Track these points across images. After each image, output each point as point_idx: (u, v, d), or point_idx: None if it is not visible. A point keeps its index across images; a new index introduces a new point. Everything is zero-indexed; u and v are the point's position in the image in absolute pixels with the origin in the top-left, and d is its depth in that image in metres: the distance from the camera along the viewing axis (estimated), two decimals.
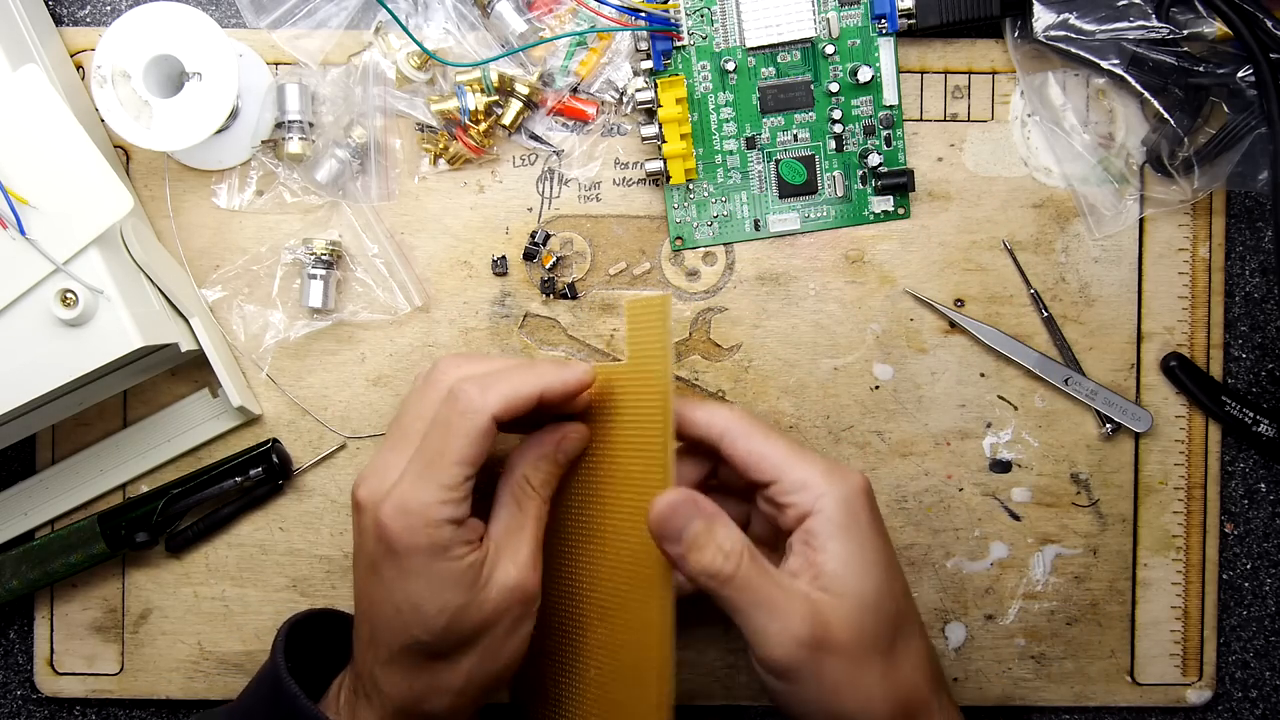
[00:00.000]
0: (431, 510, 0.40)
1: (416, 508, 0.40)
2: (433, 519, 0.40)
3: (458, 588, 0.41)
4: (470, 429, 0.41)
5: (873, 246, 0.52)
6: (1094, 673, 0.53)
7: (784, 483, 0.42)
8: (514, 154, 0.52)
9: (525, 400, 0.42)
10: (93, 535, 0.51)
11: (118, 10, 0.53)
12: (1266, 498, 0.54)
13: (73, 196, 0.44)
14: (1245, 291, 0.54)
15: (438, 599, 0.41)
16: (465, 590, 0.41)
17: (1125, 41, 0.49)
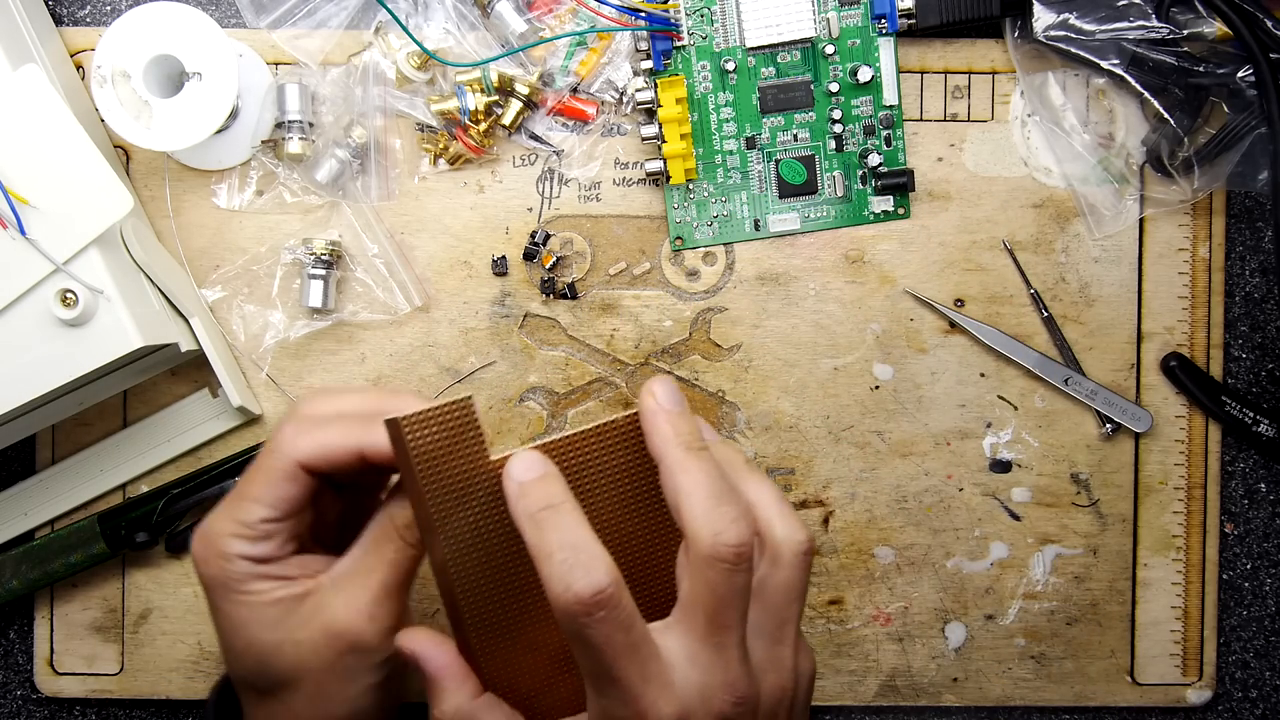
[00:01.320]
0: (223, 543, 0.39)
1: (212, 538, 0.39)
2: (224, 551, 0.39)
3: (262, 625, 0.39)
4: (270, 468, 0.39)
5: (873, 246, 0.52)
6: (1094, 673, 0.53)
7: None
8: (514, 154, 0.52)
9: (342, 453, 0.39)
10: (93, 535, 0.51)
11: (118, 10, 0.53)
12: (1266, 498, 0.54)
13: (73, 196, 0.44)
14: (1245, 291, 0.54)
15: (242, 634, 0.40)
16: (271, 628, 0.39)
17: (1125, 41, 0.49)
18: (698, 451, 0.36)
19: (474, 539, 0.37)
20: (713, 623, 0.35)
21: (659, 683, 0.34)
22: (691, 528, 0.35)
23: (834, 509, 0.53)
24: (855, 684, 0.53)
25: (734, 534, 0.34)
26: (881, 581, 0.53)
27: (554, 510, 0.35)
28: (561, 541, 0.34)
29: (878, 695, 0.53)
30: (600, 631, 0.33)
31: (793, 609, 0.38)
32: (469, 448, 0.37)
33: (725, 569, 0.34)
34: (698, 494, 0.35)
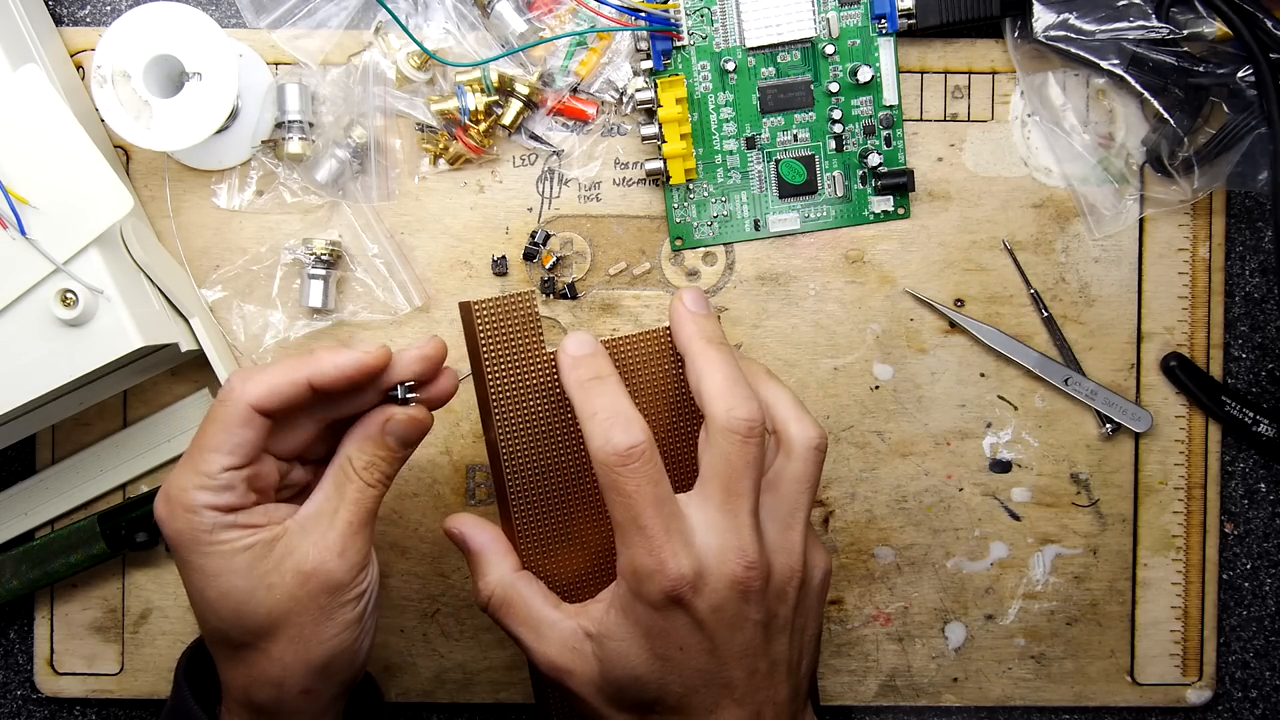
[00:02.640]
0: (188, 495, 0.40)
1: (175, 494, 0.40)
2: (190, 504, 0.40)
3: (234, 573, 0.40)
4: (225, 416, 0.40)
5: (873, 246, 0.52)
6: (1094, 673, 0.53)
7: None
8: (514, 154, 0.52)
9: (290, 387, 0.40)
10: (93, 535, 0.51)
11: (118, 10, 0.53)
12: (1266, 498, 0.54)
13: (73, 196, 0.44)
14: (1245, 291, 0.54)
15: (215, 585, 0.40)
16: (244, 575, 0.40)
17: (1125, 41, 0.49)
18: (718, 345, 0.42)
19: (525, 423, 0.43)
20: (726, 490, 0.39)
21: (680, 539, 0.39)
22: (709, 407, 0.40)
23: (834, 509, 0.53)
24: (855, 684, 0.53)
25: (745, 409, 0.39)
26: (881, 581, 0.53)
27: (600, 380, 0.41)
28: (604, 405, 0.40)
29: (878, 695, 0.53)
30: (632, 481, 0.38)
31: (803, 498, 0.41)
32: (528, 336, 0.43)
33: (737, 440, 0.39)
34: (715, 378, 0.40)
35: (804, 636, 0.43)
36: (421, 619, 0.53)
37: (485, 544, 0.44)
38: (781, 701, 0.41)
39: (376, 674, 0.53)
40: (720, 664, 0.40)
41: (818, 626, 0.44)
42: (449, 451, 0.53)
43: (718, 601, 0.39)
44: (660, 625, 0.40)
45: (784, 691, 0.42)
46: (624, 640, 0.40)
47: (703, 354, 0.41)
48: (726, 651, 0.40)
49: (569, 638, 0.42)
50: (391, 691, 0.53)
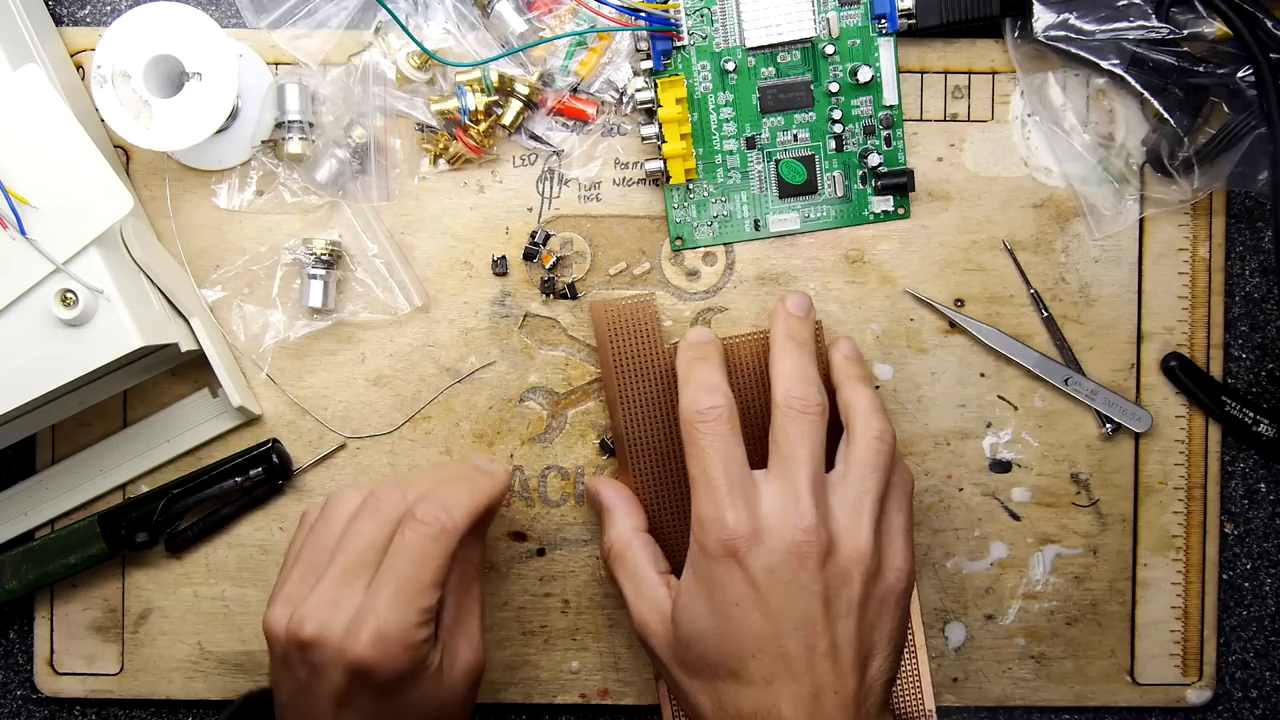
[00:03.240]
0: (409, 634, 0.42)
1: (395, 635, 0.41)
2: (414, 642, 0.42)
3: (430, 691, 0.43)
4: (444, 552, 0.43)
5: (873, 246, 0.52)
6: (1094, 673, 0.53)
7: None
8: (514, 154, 0.52)
9: (482, 516, 0.45)
10: (93, 535, 0.51)
11: (118, 10, 0.53)
12: (1266, 498, 0.54)
13: (73, 196, 0.44)
14: (1245, 291, 0.54)
15: (418, 710, 0.43)
16: (435, 689, 0.43)
17: (1125, 41, 0.49)
18: (798, 342, 0.46)
19: (647, 411, 0.50)
20: (784, 459, 0.43)
21: (743, 498, 0.43)
22: (774, 390, 0.45)
23: None
24: None
25: (801, 390, 0.44)
26: None
27: (704, 360, 0.46)
28: (699, 375, 0.45)
29: None
30: (707, 437, 0.43)
31: (868, 483, 0.44)
32: (649, 334, 0.50)
33: (793, 414, 0.44)
34: (785, 366, 0.45)
35: (876, 633, 0.43)
36: None
37: (614, 501, 0.49)
38: (846, 693, 0.42)
39: None
40: (776, 630, 0.42)
41: (895, 630, 0.44)
42: (449, 452, 0.53)
43: (773, 562, 0.42)
44: (718, 577, 0.42)
45: (850, 682, 0.42)
46: (691, 594, 0.43)
47: (781, 348, 0.46)
48: (782, 617, 0.42)
49: (660, 599, 0.45)
50: None
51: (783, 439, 0.44)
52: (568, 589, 0.53)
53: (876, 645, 0.43)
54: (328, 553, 0.44)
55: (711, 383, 0.45)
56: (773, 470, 0.44)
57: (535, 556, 0.53)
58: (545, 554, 0.53)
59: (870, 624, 0.43)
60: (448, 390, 0.52)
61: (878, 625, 0.44)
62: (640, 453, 0.50)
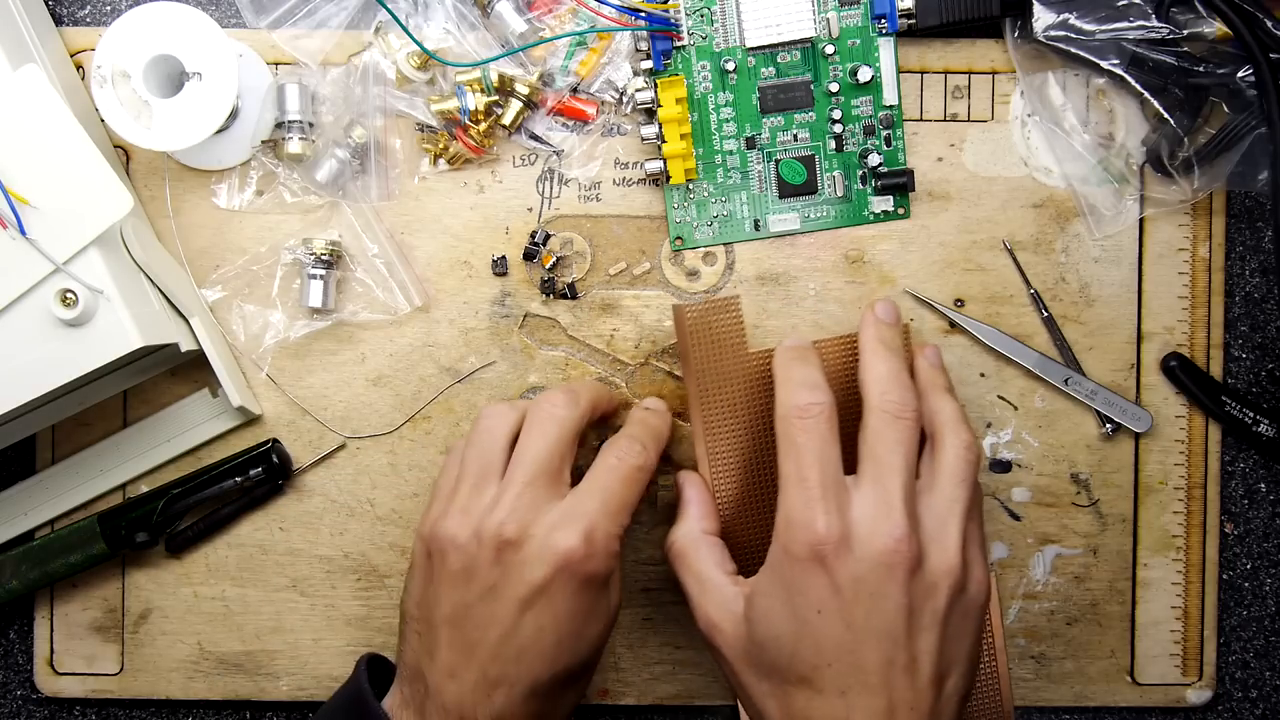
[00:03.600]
0: (612, 543, 0.44)
1: (602, 538, 0.43)
2: (613, 551, 0.44)
3: (605, 611, 0.45)
4: (644, 484, 0.47)
5: (873, 246, 0.52)
6: (1094, 673, 0.53)
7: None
8: (514, 154, 0.52)
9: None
10: (93, 535, 0.51)
11: (118, 10, 0.53)
12: (1266, 498, 0.54)
13: (73, 196, 0.44)
14: (1245, 291, 0.54)
15: (595, 626, 0.45)
16: (607, 612, 0.45)
17: (1125, 41, 0.49)
18: (890, 348, 0.45)
19: (729, 416, 0.48)
20: (877, 464, 0.42)
21: (835, 501, 0.42)
22: (866, 393, 0.44)
23: None
24: None
25: (896, 394, 0.43)
26: None
27: (803, 360, 0.45)
28: (798, 373, 0.44)
29: None
30: (803, 434, 0.42)
31: (958, 492, 0.43)
32: (732, 337, 0.48)
33: (887, 418, 0.43)
34: (878, 370, 0.44)
35: (955, 648, 0.42)
36: None
37: (692, 499, 0.48)
38: (922, 709, 0.41)
39: None
40: (855, 640, 0.41)
41: (974, 645, 0.43)
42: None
43: (860, 571, 0.41)
44: (801, 581, 0.41)
45: (926, 699, 0.41)
46: (769, 595, 0.42)
47: (874, 353, 0.45)
48: (864, 628, 0.41)
49: (729, 599, 0.44)
50: None
51: (877, 443, 0.43)
52: None
53: (955, 661, 0.42)
54: (499, 464, 0.45)
55: (812, 380, 0.44)
56: (865, 475, 0.43)
57: None
58: None
59: (951, 639, 0.42)
60: (448, 390, 0.52)
61: (958, 640, 0.42)
62: (721, 459, 0.49)
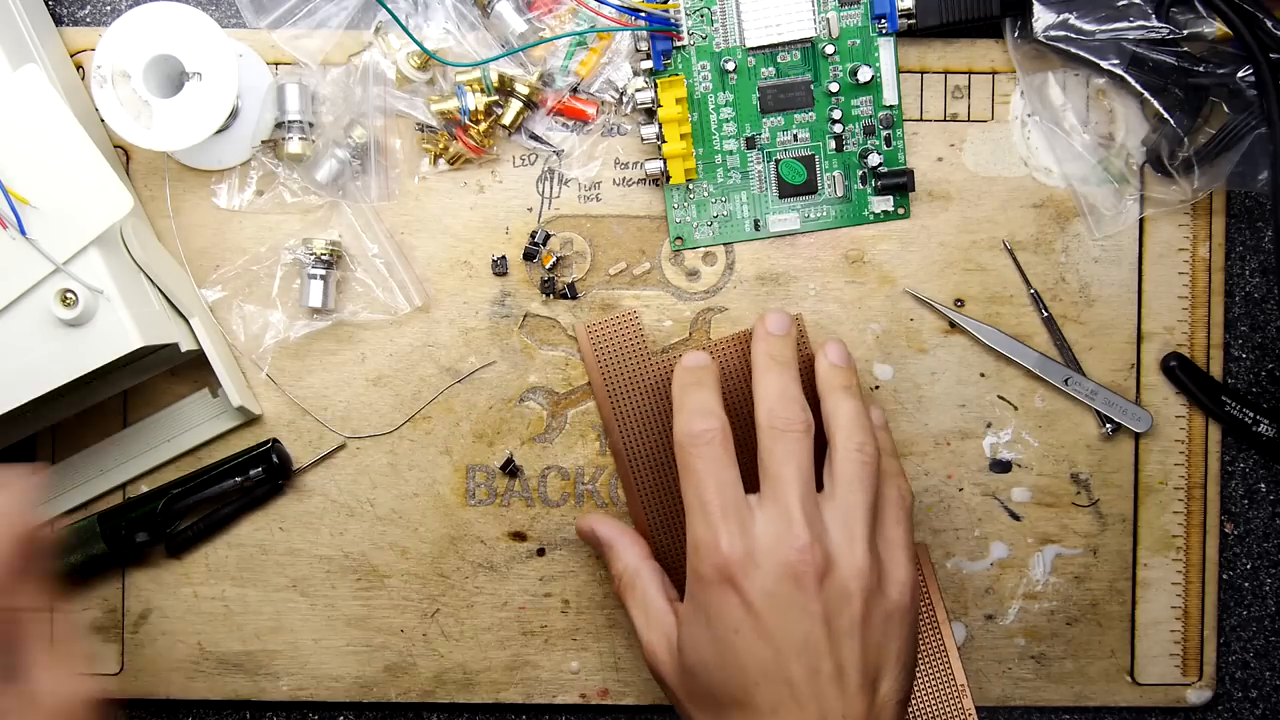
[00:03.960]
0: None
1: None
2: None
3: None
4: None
5: (873, 246, 0.52)
6: (1094, 673, 0.53)
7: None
8: (514, 154, 0.52)
9: None
10: (93, 535, 0.51)
11: (118, 10, 0.53)
12: (1266, 498, 0.54)
13: (73, 196, 0.44)
14: (1245, 291, 0.54)
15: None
16: None
17: (1125, 41, 0.49)
18: (780, 363, 0.46)
19: (641, 424, 0.51)
20: (772, 480, 0.43)
21: (738, 522, 0.42)
22: (757, 412, 0.44)
23: None
24: None
25: (784, 410, 0.44)
26: None
27: (698, 385, 0.45)
28: (693, 400, 0.45)
29: None
30: (700, 461, 0.43)
31: (855, 497, 0.43)
32: (635, 347, 0.51)
33: (775, 432, 0.43)
34: (764, 390, 0.45)
35: (882, 652, 0.42)
36: (421, 619, 0.53)
37: (613, 535, 0.49)
38: (856, 717, 0.41)
39: (376, 674, 0.53)
40: (778, 655, 0.41)
41: (904, 647, 0.43)
42: (449, 451, 0.53)
43: (769, 585, 0.41)
44: (716, 604, 0.42)
45: (858, 706, 0.41)
46: (691, 622, 0.43)
47: (763, 369, 0.46)
48: (784, 642, 0.41)
49: (668, 627, 0.45)
50: (391, 691, 0.53)
51: (769, 460, 0.43)
52: (568, 589, 0.53)
53: (885, 664, 0.42)
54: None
55: (705, 406, 0.44)
56: (764, 494, 0.43)
57: (535, 556, 0.53)
58: (545, 554, 0.53)
59: (876, 643, 0.42)
60: (448, 390, 0.52)
61: (884, 644, 0.42)
62: (641, 470, 0.51)
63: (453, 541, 0.53)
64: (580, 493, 0.53)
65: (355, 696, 0.53)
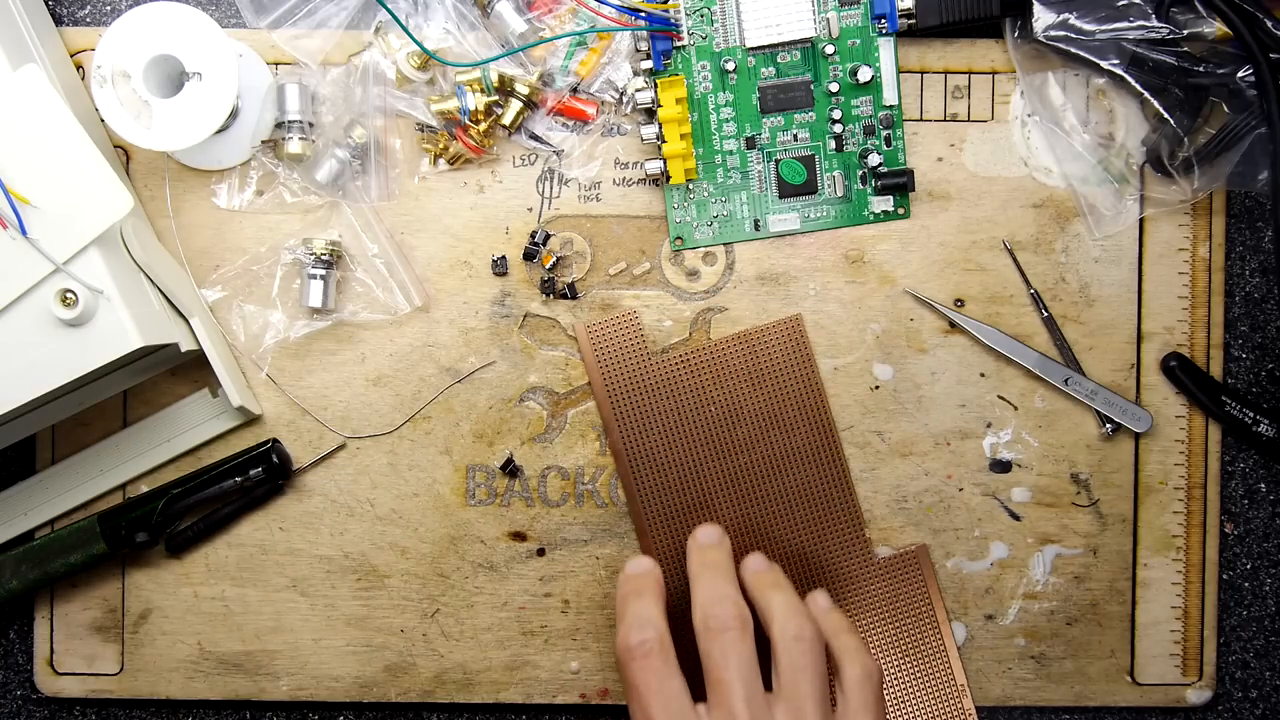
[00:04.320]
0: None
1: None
2: None
3: None
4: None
5: (873, 246, 0.52)
6: (1094, 673, 0.53)
7: None
8: (514, 154, 0.52)
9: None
10: (93, 535, 0.51)
11: (118, 10, 0.53)
12: (1266, 498, 0.54)
13: (73, 196, 0.44)
14: (1245, 291, 0.54)
15: None
16: None
17: (1125, 41, 0.49)
18: (711, 569, 0.47)
19: (641, 424, 0.52)
20: (715, 684, 0.43)
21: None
22: (694, 617, 0.45)
23: None
24: None
25: (719, 609, 0.44)
26: None
27: (638, 594, 0.46)
28: (632, 613, 0.45)
29: None
30: (640, 676, 0.43)
31: (802, 688, 0.43)
32: (635, 347, 0.52)
33: (712, 634, 0.44)
34: (700, 594, 0.45)
35: None
36: (421, 619, 0.53)
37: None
38: None
39: (376, 674, 0.53)
40: None
41: None
42: (449, 451, 0.53)
43: None
44: None
45: None
46: None
47: (697, 577, 0.46)
48: None
49: None
50: (391, 691, 0.53)
51: (710, 664, 0.43)
52: (568, 589, 0.53)
53: None
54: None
55: (643, 617, 0.44)
56: (710, 702, 0.43)
57: (535, 556, 0.53)
58: (545, 554, 0.53)
59: None
60: (448, 390, 0.52)
61: None
62: (641, 470, 0.51)
63: (453, 541, 0.53)
64: (580, 493, 0.53)
65: (355, 696, 0.53)
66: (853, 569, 0.52)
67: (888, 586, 0.52)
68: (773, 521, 0.52)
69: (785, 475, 0.52)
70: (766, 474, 0.52)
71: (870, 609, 0.52)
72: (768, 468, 0.52)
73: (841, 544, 0.52)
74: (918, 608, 0.52)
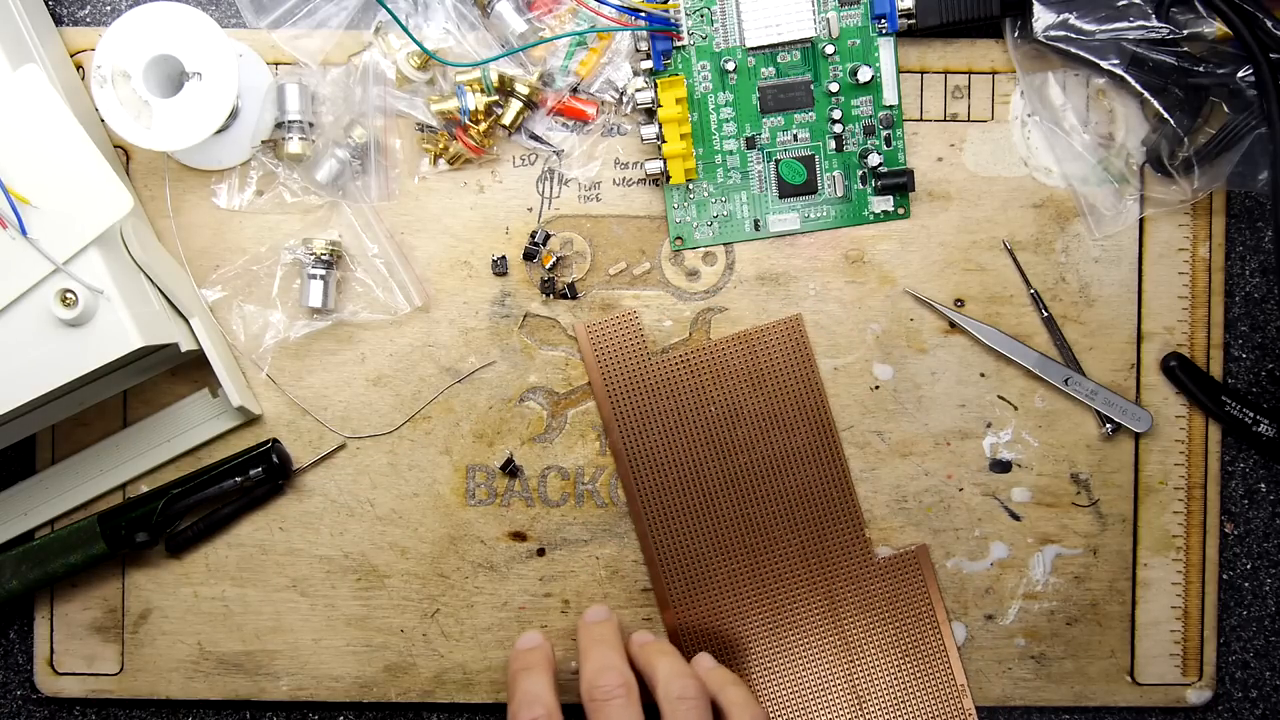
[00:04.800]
0: None
1: None
2: None
3: None
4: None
5: (873, 246, 0.52)
6: (1094, 673, 0.53)
7: None
8: (514, 154, 0.52)
9: None
10: (93, 535, 0.51)
11: (118, 10, 0.53)
12: (1266, 498, 0.54)
13: (73, 196, 0.44)
14: (1245, 291, 0.54)
15: None
16: None
17: (1125, 41, 0.49)
18: (598, 643, 0.49)
19: (641, 424, 0.52)
20: None
21: None
22: (581, 689, 0.47)
23: None
24: None
25: (601, 680, 0.46)
26: None
27: (527, 671, 0.48)
28: (522, 690, 0.47)
29: None
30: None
31: None
32: (635, 347, 0.52)
33: (597, 704, 0.46)
34: (587, 667, 0.47)
35: None
36: (421, 619, 0.53)
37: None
38: None
39: (376, 674, 0.53)
40: None
41: None
42: (449, 451, 0.53)
43: None
44: None
45: None
46: None
47: (586, 653, 0.48)
48: None
49: None
50: (391, 691, 0.53)
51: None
52: (568, 589, 0.53)
53: None
54: None
55: (533, 694, 0.46)
56: None
57: (535, 556, 0.53)
58: (545, 554, 0.53)
59: None
60: (448, 390, 0.52)
61: None
62: (641, 470, 0.52)
63: (453, 541, 0.53)
64: (580, 493, 0.53)
65: (355, 696, 0.53)
66: (853, 569, 0.52)
67: (888, 586, 0.52)
68: (773, 521, 0.52)
69: (785, 475, 0.52)
70: (766, 474, 0.52)
71: (870, 609, 0.52)
72: (768, 468, 0.52)
73: (841, 544, 0.52)
74: (918, 608, 0.52)
